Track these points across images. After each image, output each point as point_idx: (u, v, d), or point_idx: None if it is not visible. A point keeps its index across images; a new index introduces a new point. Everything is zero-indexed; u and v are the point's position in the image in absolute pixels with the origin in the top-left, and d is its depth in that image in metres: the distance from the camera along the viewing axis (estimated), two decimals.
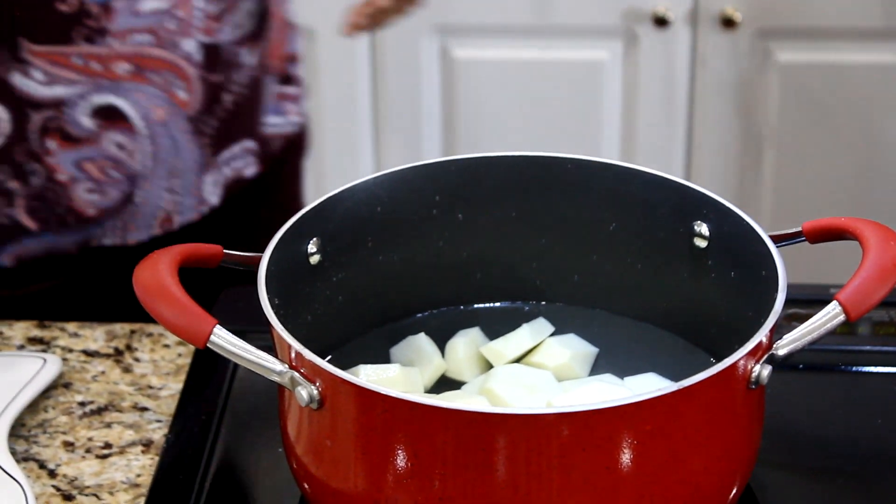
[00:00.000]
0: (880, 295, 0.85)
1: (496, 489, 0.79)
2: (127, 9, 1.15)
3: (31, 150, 1.19)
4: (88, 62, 1.16)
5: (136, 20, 1.16)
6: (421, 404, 0.79)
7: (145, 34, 1.16)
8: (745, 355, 0.81)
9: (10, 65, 1.17)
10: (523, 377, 0.96)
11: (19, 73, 1.16)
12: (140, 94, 1.17)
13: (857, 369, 1.05)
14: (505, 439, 0.78)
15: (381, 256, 1.00)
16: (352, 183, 0.97)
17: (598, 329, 1.02)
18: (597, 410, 0.77)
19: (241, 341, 0.84)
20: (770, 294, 0.87)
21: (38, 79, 1.16)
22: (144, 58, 1.17)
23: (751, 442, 0.87)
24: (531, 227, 1.02)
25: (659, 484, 0.81)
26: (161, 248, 0.89)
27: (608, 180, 0.99)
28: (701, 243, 0.96)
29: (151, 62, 1.18)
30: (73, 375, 1.06)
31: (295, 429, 0.87)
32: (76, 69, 1.16)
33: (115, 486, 0.96)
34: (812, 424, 1.01)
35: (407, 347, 1.00)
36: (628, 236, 1.00)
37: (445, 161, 1.00)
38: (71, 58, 1.16)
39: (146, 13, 1.16)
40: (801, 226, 0.92)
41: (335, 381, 0.81)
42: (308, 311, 0.96)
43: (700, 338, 1.00)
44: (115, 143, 1.18)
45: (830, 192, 2.06)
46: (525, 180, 1.00)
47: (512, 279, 1.04)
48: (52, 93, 1.17)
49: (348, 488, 0.84)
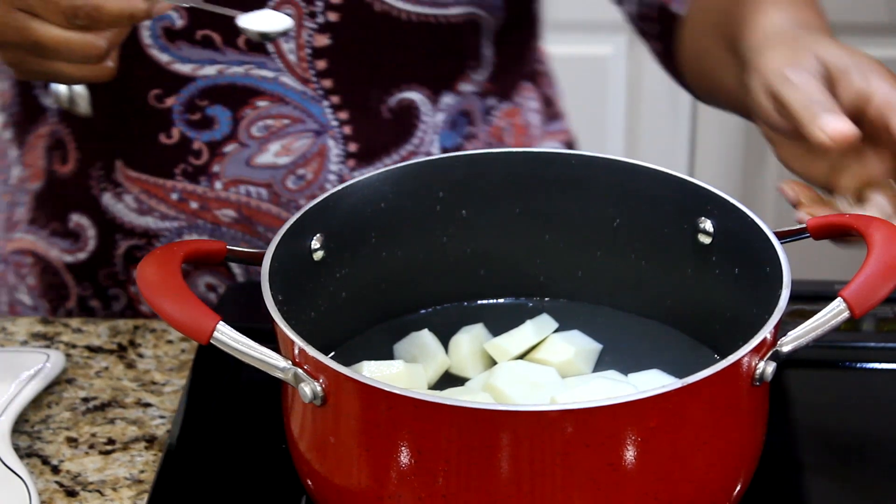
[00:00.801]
0: (885, 291, 0.84)
1: (500, 486, 0.79)
2: (240, 158, 1.12)
3: (115, 275, 1.17)
4: (188, 200, 1.12)
5: (249, 171, 1.13)
6: (425, 401, 0.79)
7: (260, 187, 1.13)
8: (749, 352, 0.81)
9: (104, 185, 1.14)
10: (527, 374, 0.95)
11: (111, 195, 1.14)
12: (245, 243, 1.13)
13: (861, 366, 1.05)
14: (510, 436, 0.78)
15: (384, 252, 1.00)
16: (355, 179, 0.97)
17: (602, 325, 1.02)
18: (601, 407, 0.77)
19: (245, 338, 0.83)
20: (774, 290, 0.86)
21: (129, 205, 1.14)
22: (255, 210, 1.13)
23: (755, 439, 0.87)
24: (535, 223, 1.01)
25: (663, 481, 0.81)
26: (164, 245, 0.88)
27: (612, 176, 0.99)
28: (705, 239, 0.96)
29: (263, 217, 1.14)
30: (76, 371, 1.06)
31: (298, 425, 0.87)
32: (171, 204, 1.13)
33: (118, 482, 0.96)
34: (816, 421, 1.01)
35: (410, 344, 1.00)
36: (632, 232, 1.00)
37: (449, 157, 1.00)
38: (168, 192, 1.13)
39: (261, 166, 1.13)
40: (806, 222, 0.92)
41: (339, 377, 0.81)
42: (311, 307, 0.96)
43: (704, 334, 0.99)
44: (206, 285, 1.17)
45: None
46: (529, 176, 1.00)
47: (515, 275, 1.04)
48: (143, 222, 1.14)
49: (352, 485, 0.84)
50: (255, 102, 1.11)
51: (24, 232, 1.21)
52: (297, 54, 1.09)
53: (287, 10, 1.08)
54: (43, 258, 1.21)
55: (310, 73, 1.09)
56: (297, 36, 1.09)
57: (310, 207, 0.94)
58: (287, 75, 1.10)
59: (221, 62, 1.10)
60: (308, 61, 1.09)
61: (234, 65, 1.10)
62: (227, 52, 1.10)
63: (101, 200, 1.15)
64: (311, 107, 1.11)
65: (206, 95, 1.11)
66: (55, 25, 0.91)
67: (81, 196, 1.17)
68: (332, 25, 1.10)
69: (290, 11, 1.08)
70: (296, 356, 0.83)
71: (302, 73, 1.09)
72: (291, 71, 1.10)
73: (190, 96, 1.11)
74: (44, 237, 1.20)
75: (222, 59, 1.10)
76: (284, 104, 1.11)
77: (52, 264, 1.20)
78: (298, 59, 1.09)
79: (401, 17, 1.10)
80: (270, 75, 1.11)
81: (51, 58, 0.92)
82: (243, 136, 1.12)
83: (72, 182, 1.17)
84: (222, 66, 1.10)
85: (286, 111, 1.11)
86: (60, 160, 1.17)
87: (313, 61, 1.10)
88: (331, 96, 1.11)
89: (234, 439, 0.99)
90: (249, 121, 1.11)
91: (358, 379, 0.80)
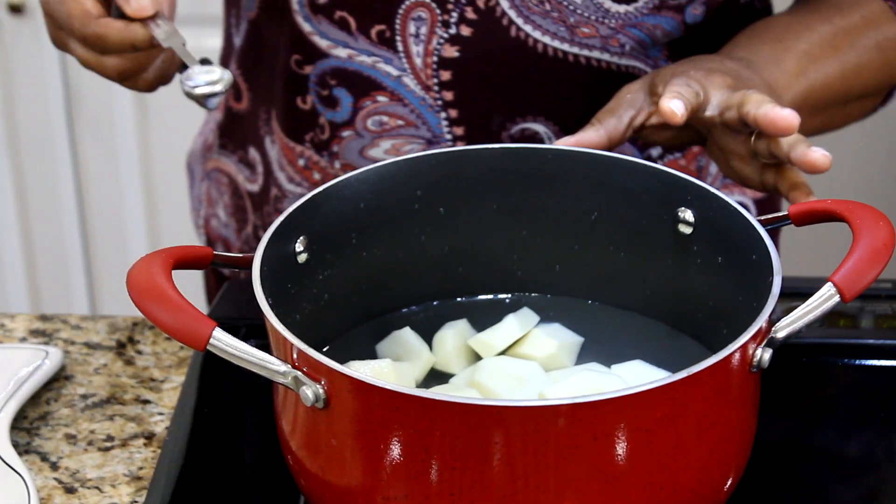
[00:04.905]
0: (873, 275, 0.85)
1: (509, 481, 0.79)
2: (355, 146, 1.13)
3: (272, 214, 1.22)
4: (312, 170, 1.14)
5: (363, 162, 1.13)
6: (432, 399, 0.79)
7: None
8: (748, 339, 0.82)
9: (266, 129, 1.18)
10: (511, 369, 0.96)
11: (269, 140, 1.18)
12: None
13: (860, 362, 1.06)
14: (519, 431, 0.78)
15: (364, 253, 1.00)
16: (337, 179, 0.96)
17: (582, 318, 1.03)
18: (610, 399, 0.77)
19: (242, 343, 0.83)
20: (763, 277, 0.87)
21: (275, 155, 1.18)
22: None
23: (752, 425, 0.88)
24: (512, 218, 1.02)
25: (668, 469, 0.81)
26: (154, 251, 0.88)
27: (589, 169, 0.99)
28: (686, 230, 0.97)
29: None
30: (75, 368, 1.05)
31: (296, 428, 0.86)
32: (298, 169, 1.15)
33: (116, 478, 0.95)
34: (815, 417, 1.02)
35: (393, 343, 1.00)
36: (611, 225, 1.00)
37: (426, 155, 1.00)
38: (297, 157, 1.15)
39: (372, 159, 1.13)
40: (787, 209, 0.93)
41: (342, 379, 0.80)
42: (297, 310, 0.95)
43: (685, 324, 1.00)
44: None
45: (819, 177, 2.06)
46: (505, 172, 1.00)
47: (494, 271, 1.04)
48: (280, 177, 1.18)
49: (355, 486, 0.83)
50: (375, 96, 1.11)
51: (218, 154, 1.28)
52: (424, 60, 1.09)
53: (420, 13, 1.07)
54: (234, 180, 1.26)
55: (433, 80, 1.09)
56: (427, 41, 1.08)
57: (293, 210, 0.93)
58: (410, 77, 1.10)
59: (353, 48, 1.11)
60: (433, 69, 1.09)
61: (363, 53, 1.11)
62: (358, 39, 1.10)
63: (265, 141, 1.19)
64: (427, 114, 1.10)
65: (335, 75, 1.12)
66: (81, 47, 1.01)
67: (253, 134, 1.22)
68: (462, 39, 1.09)
69: (424, 14, 1.07)
70: (295, 360, 0.82)
71: (425, 79, 1.08)
72: (415, 75, 1.09)
73: (322, 72, 1.12)
74: (234, 162, 1.26)
75: (354, 44, 1.11)
76: (403, 105, 1.11)
77: (239, 188, 1.26)
78: (424, 65, 1.09)
79: (536, 49, 1.09)
80: (395, 73, 1.11)
81: (89, 69, 1.03)
82: (359, 126, 1.13)
83: (246, 119, 1.22)
84: (353, 51, 1.11)
85: (402, 112, 1.11)
86: (235, 97, 1.23)
87: (438, 71, 1.09)
88: (449, 109, 1.11)
89: (233, 436, 0.98)
90: (367, 112, 1.12)
91: (363, 380, 0.80)
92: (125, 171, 2.23)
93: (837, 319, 1.09)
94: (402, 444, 0.80)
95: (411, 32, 1.08)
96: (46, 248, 2.29)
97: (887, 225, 0.87)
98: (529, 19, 1.07)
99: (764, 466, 0.94)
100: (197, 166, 1.33)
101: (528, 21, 1.07)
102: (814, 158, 0.96)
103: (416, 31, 1.08)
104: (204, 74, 0.97)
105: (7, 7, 2.12)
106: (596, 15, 1.07)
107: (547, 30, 1.07)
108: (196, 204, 1.35)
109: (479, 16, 1.08)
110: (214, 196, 1.31)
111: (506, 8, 1.07)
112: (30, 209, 2.26)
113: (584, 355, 1.00)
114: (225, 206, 1.29)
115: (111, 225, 2.27)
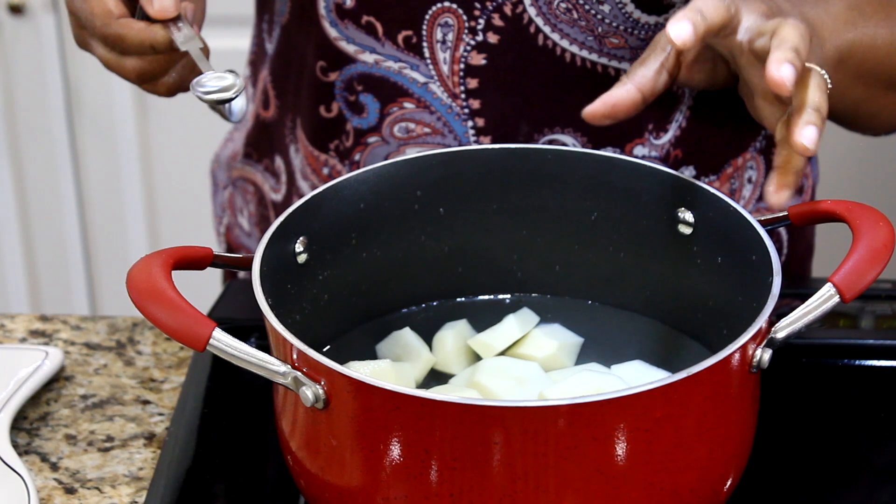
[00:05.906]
0: (873, 275, 0.85)
1: (509, 482, 0.79)
2: (380, 152, 1.12)
3: None
4: (334, 178, 1.10)
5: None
6: (433, 400, 0.79)
7: None
8: (749, 339, 0.82)
9: (291, 137, 1.18)
10: (511, 369, 0.96)
11: (294, 149, 1.17)
12: None
13: (860, 363, 1.06)
14: (520, 431, 0.78)
15: (364, 253, 1.00)
16: (337, 180, 0.96)
17: (582, 319, 1.03)
18: (611, 400, 0.78)
19: (242, 343, 0.83)
20: (762, 277, 0.87)
21: (299, 164, 1.17)
22: None
23: (751, 425, 0.88)
24: (512, 218, 1.02)
25: (668, 470, 0.81)
26: (152, 252, 0.88)
27: (589, 170, 0.99)
28: (686, 230, 0.97)
29: None
30: (75, 368, 1.06)
31: (296, 428, 0.86)
32: (322, 178, 1.14)
33: (116, 479, 0.95)
34: (815, 418, 1.02)
35: (393, 343, 1.00)
36: (611, 225, 1.00)
37: (426, 155, 1.00)
38: (321, 165, 1.14)
39: None
40: (787, 209, 0.93)
41: (343, 379, 0.80)
42: (296, 310, 0.95)
43: (685, 324, 1.00)
44: None
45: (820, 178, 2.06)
46: (505, 172, 1.00)
47: (494, 272, 1.04)
48: (304, 185, 1.17)
49: (355, 487, 0.83)
50: (402, 102, 1.10)
51: (243, 163, 1.27)
52: (451, 67, 1.08)
53: (447, 19, 1.06)
54: (259, 189, 1.26)
55: (459, 88, 1.08)
56: (455, 48, 1.07)
57: (293, 210, 0.94)
58: (437, 84, 1.09)
59: (380, 53, 1.10)
60: (460, 77, 1.08)
61: (390, 59, 1.09)
62: (385, 45, 1.09)
63: (289, 150, 1.18)
64: (454, 122, 1.09)
65: (362, 81, 1.11)
66: (102, 47, 1.01)
67: (279, 142, 1.21)
68: (490, 46, 1.07)
69: (451, 20, 1.06)
70: (294, 360, 0.82)
71: (452, 87, 1.08)
72: (442, 82, 1.08)
73: (349, 77, 1.11)
74: (259, 171, 1.25)
75: (381, 49, 1.10)
76: (429, 112, 1.10)
77: (265, 197, 1.25)
78: (451, 73, 1.07)
79: (564, 58, 1.07)
80: (421, 80, 1.09)
81: (110, 70, 1.02)
82: (386, 133, 1.12)
83: (272, 128, 1.22)
84: (380, 57, 1.10)
85: (429, 119, 1.10)
86: (263, 105, 1.22)
87: (465, 79, 1.08)
88: (476, 118, 1.09)
89: (233, 437, 0.98)
90: (394, 118, 1.11)
91: (363, 380, 0.80)
92: (125, 171, 2.23)
93: (837, 320, 1.09)
94: (401, 444, 0.80)
95: (438, 38, 1.07)
96: (46, 248, 2.29)
97: (887, 225, 0.87)
98: (557, 27, 1.06)
99: (764, 466, 0.94)
100: (221, 173, 1.33)
101: (555, 29, 1.06)
102: (798, 135, 0.88)
103: (443, 37, 1.07)
104: (215, 80, 0.96)
105: (7, 7, 2.12)
106: (625, 25, 1.05)
107: (575, 39, 1.06)
108: (219, 212, 1.34)
109: (506, 23, 1.06)
110: (239, 204, 1.30)
111: (533, 15, 1.05)
112: (30, 209, 2.27)
113: (583, 355, 1.00)
114: (250, 216, 1.28)
115: (111, 225, 2.28)
